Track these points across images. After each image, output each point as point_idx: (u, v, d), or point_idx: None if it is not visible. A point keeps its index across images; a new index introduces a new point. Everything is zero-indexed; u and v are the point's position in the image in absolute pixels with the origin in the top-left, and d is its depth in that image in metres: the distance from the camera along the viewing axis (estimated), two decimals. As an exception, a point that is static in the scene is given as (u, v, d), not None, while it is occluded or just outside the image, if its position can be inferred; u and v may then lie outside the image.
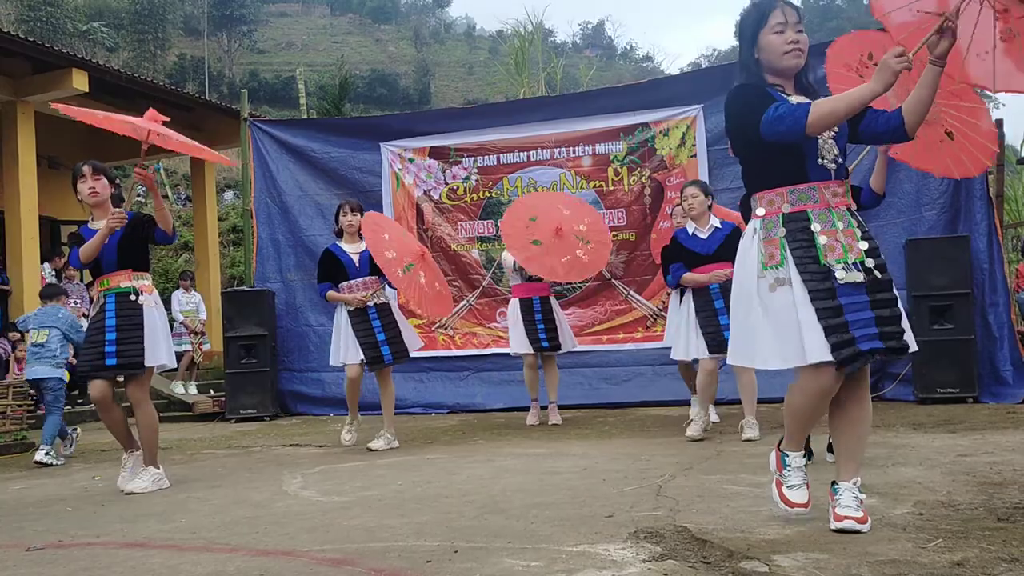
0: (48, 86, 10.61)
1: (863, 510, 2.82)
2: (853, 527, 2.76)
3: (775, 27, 2.98)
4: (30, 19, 33.94)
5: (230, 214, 17.94)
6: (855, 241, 2.84)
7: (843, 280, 2.79)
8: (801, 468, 3.00)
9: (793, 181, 2.89)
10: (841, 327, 2.76)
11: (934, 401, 6.79)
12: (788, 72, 3.02)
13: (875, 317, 2.79)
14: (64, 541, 3.34)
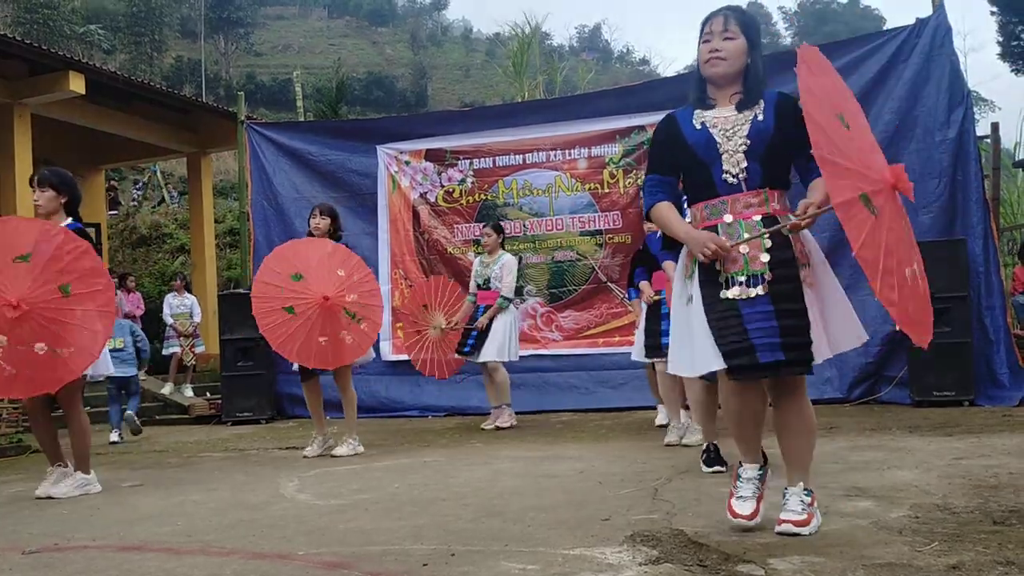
0: (45, 88, 10.60)
1: (808, 512, 2.84)
2: (791, 530, 2.80)
3: (704, 36, 3.04)
4: (27, 21, 33.90)
5: (227, 216, 17.91)
6: (759, 252, 2.86)
7: (737, 296, 2.85)
8: (753, 480, 2.98)
9: (706, 196, 2.98)
10: (737, 340, 2.82)
11: (930, 404, 6.80)
12: (713, 81, 3.03)
13: (779, 328, 2.81)
14: (60, 544, 3.34)
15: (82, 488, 4.64)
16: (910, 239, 2.84)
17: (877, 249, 2.56)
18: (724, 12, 3.01)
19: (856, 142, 2.71)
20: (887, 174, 2.69)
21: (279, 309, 5.52)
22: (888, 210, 2.66)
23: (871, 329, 7.46)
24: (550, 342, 8.66)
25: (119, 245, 17.27)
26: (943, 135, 7.34)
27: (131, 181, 21.54)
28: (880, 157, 2.79)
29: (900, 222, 2.75)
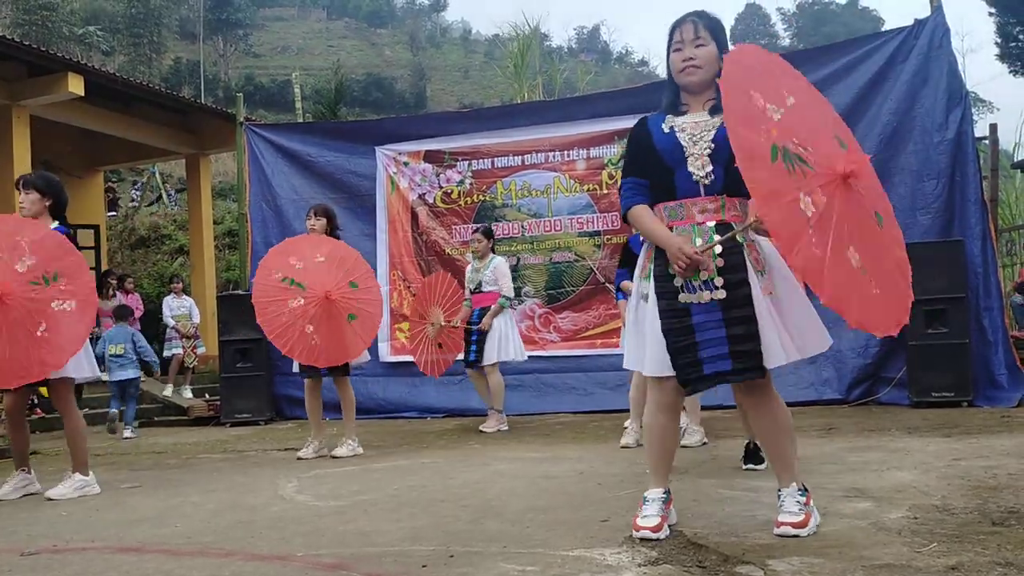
0: (44, 90, 10.60)
1: (805, 512, 2.86)
2: (789, 532, 2.81)
3: (674, 46, 3.05)
4: (25, 23, 33.90)
5: (226, 218, 17.91)
6: (711, 259, 2.88)
7: (687, 301, 2.89)
8: (656, 501, 2.98)
9: (667, 199, 3.00)
10: (687, 349, 2.87)
11: (929, 405, 6.80)
12: (689, 89, 3.04)
13: (727, 336, 2.84)
14: (59, 545, 3.33)
15: (81, 490, 4.65)
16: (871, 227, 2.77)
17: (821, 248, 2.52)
18: (692, 19, 3.02)
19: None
20: (838, 165, 2.64)
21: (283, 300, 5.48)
22: (839, 201, 2.61)
23: (870, 330, 7.54)
24: (548, 343, 8.67)
25: (118, 246, 17.26)
26: (941, 136, 7.35)
27: (130, 182, 21.53)
28: (831, 146, 2.72)
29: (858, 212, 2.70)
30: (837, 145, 2.75)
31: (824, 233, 2.54)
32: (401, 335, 8.98)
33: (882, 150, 7.57)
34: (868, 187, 2.80)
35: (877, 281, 2.68)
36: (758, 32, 71.71)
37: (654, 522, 2.91)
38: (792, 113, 2.69)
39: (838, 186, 2.63)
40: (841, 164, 2.64)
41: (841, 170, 2.63)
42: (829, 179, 2.62)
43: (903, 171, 7.53)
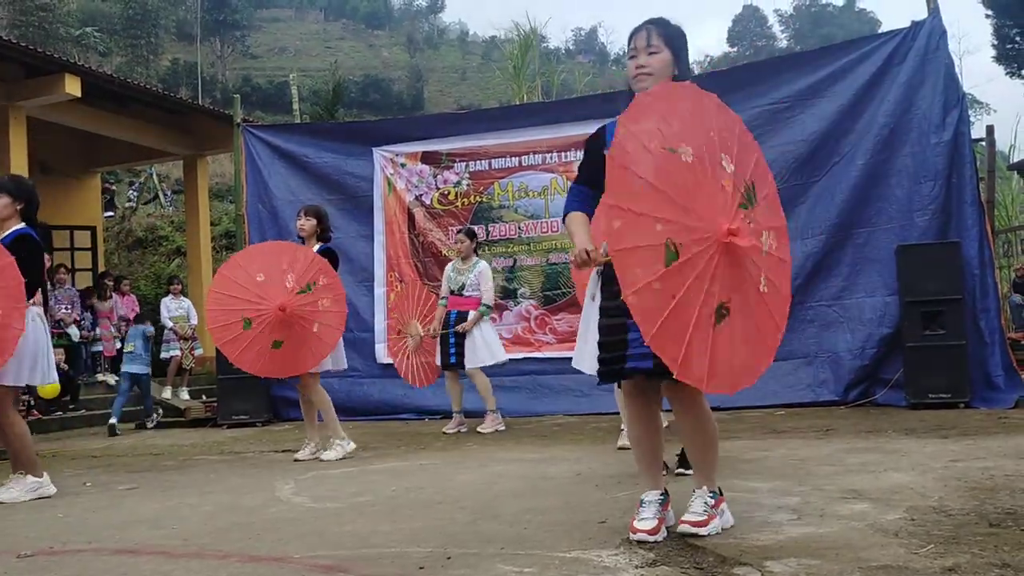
0: (41, 91, 10.58)
1: (708, 514, 2.92)
2: (688, 530, 2.88)
3: (630, 52, 3.09)
4: (22, 24, 33.85)
5: (223, 219, 17.91)
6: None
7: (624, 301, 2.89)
8: (653, 503, 2.98)
9: None
10: (615, 346, 2.93)
11: (926, 406, 6.80)
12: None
13: None
14: (55, 548, 3.33)
15: (32, 492, 4.62)
16: (754, 294, 2.76)
17: (663, 297, 2.53)
18: (647, 27, 3.05)
19: (690, 188, 2.65)
20: (723, 226, 2.62)
21: (236, 322, 5.50)
22: (709, 261, 2.61)
23: (866, 331, 7.58)
24: (544, 345, 8.66)
25: (115, 247, 17.26)
26: (938, 138, 7.36)
27: (127, 183, 21.52)
28: (718, 208, 2.67)
29: (735, 272, 2.70)
30: (728, 207, 2.71)
31: (676, 281, 2.55)
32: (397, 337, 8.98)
33: (879, 152, 7.59)
34: (755, 253, 2.79)
35: (733, 341, 2.69)
36: (755, 33, 71.81)
37: (651, 525, 2.91)
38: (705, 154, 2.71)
39: (718, 247, 2.63)
40: (725, 226, 2.63)
41: (722, 234, 2.62)
42: (706, 236, 2.62)
43: (900, 173, 7.54)
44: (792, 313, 7.97)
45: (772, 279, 2.84)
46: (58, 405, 9.83)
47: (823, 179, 7.79)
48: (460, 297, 7.22)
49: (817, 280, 7.74)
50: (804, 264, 7.72)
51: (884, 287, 7.49)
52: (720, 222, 2.63)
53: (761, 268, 2.79)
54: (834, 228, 7.70)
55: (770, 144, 7.91)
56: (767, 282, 2.81)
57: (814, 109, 7.85)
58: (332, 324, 5.68)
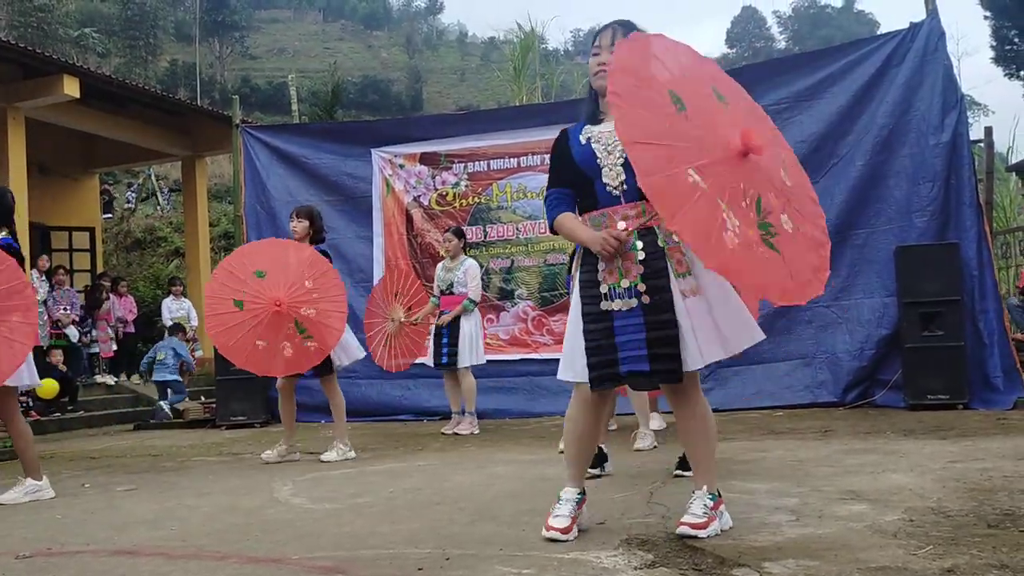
0: (39, 92, 10.59)
1: (708, 516, 2.91)
2: (688, 532, 2.87)
3: (594, 50, 3.13)
4: (21, 24, 33.82)
5: (221, 220, 17.90)
6: (633, 265, 2.93)
7: (608, 308, 2.95)
8: (570, 502, 3.02)
9: (591, 208, 3.06)
10: (604, 350, 2.94)
11: (924, 408, 6.81)
12: (603, 93, 3.04)
13: (647, 339, 2.89)
14: (54, 549, 3.32)
15: (32, 494, 4.62)
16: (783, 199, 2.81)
17: (710, 213, 2.57)
18: (612, 26, 3.10)
19: (696, 119, 2.71)
20: (735, 140, 2.67)
21: (229, 300, 5.38)
22: (727, 176, 2.66)
23: (865, 333, 7.58)
24: (541, 346, 8.65)
25: (113, 248, 17.25)
26: (937, 139, 7.37)
27: (125, 184, 21.52)
28: (724, 127, 2.74)
29: (760, 180, 2.75)
30: (727, 125, 2.76)
31: (712, 203, 2.58)
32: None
33: (878, 153, 7.60)
34: (775, 159, 2.88)
35: (787, 248, 2.71)
36: (753, 35, 71.85)
37: (564, 523, 2.95)
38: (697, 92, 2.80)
39: (735, 162, 2.68)
40: (738, 139, 2.67)
41: (739, 146, 2.67)
42: (724, 154, 2.67)
43: (899, 174, 7.55)
44: (790, 314, 8.03)
45: (800, 210, 2.86)
46: (56, 406, 9.82)
47: (822, 180, 7.77)
48: (450, 296, 7.22)
49: (816, 281, 7.73)
50: (803, 265, 7.72)
51: (883, 288, 7.50)
52: (730, 140, 2.69)
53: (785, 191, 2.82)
54: (833, 229, 7.60)
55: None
56: (794, 212, 2.81)
57: (813, 110, 7.85)
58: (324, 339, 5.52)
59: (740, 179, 2.68)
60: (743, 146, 2.67)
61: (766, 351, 7.75)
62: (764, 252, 2.64)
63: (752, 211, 2.67)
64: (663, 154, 2.58)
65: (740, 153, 2.68)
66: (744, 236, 2.59)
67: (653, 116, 2.64)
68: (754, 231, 2.64)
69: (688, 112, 2.69)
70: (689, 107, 2.70)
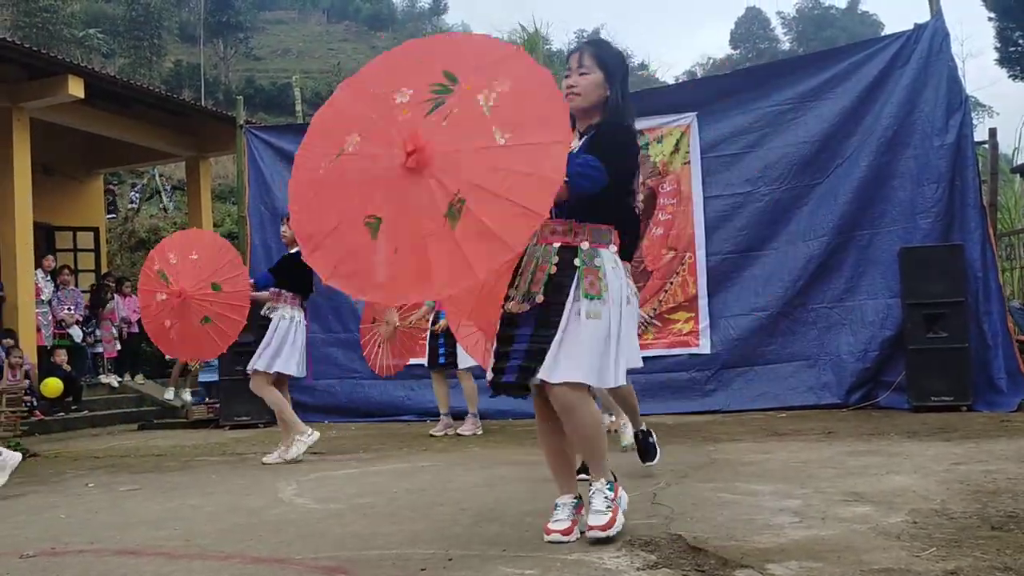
0: (44, 92, 10.59)
1: (611, 509, 2.94)
2: (598, 536, 2.88)
3: (565, 73, 3.19)
4: (26, 25, 33.88)
5: (225, 220, 17.93)
6: (543, 274, 2.97)
7: (508, 309, 3.00)
8: (567, 506, 3.04)
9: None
10: (502, 356, 2.97)
11: (928, 409, 6.80)
12: (573, 114, 3.09)
13: (527, 351, 2.91)
14: (57, 548, 3.33)
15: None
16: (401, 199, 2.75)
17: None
18: (581, 47, 3.18)
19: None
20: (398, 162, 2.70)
21: (153, 292, 5.62)
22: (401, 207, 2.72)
23: (868, 334, 7.58)
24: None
25: (118, 249, 17.28)
26: (941, 140, 7.35)
27: (129, 185, 21.55)
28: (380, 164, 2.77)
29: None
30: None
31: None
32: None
33: (882, 154, 7.59)
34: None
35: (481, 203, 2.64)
36: (758, 36, 71.74)
37: (564, 525, 2.97)
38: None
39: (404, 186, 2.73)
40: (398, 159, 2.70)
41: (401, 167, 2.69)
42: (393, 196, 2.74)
43: (903, 175, 7.54)
44: (794, 315, 8.03)
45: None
46: (60, 406, 9.85)
47: (826, 181, 7.78)
48: None
49: (819, 282, 7.73)
50: (806, 266, 7.72)
51: (887, 289, 7.49)
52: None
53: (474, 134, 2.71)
54: (837, 230, 7.69)
55: (773, 146, 7.92)
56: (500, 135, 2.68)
57: (817, 111, 7.84)
58: (224, 326, 5.66)
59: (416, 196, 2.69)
60: (407, 164, 2.67)
61: (769, 352, 7.76)
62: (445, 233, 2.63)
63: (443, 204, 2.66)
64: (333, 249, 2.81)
65: (408, 170, 2.67)
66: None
67: (313, 215, 2.87)
68: (435, 222, 2.63)
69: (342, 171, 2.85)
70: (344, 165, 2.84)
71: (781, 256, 7.78)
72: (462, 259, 2.58)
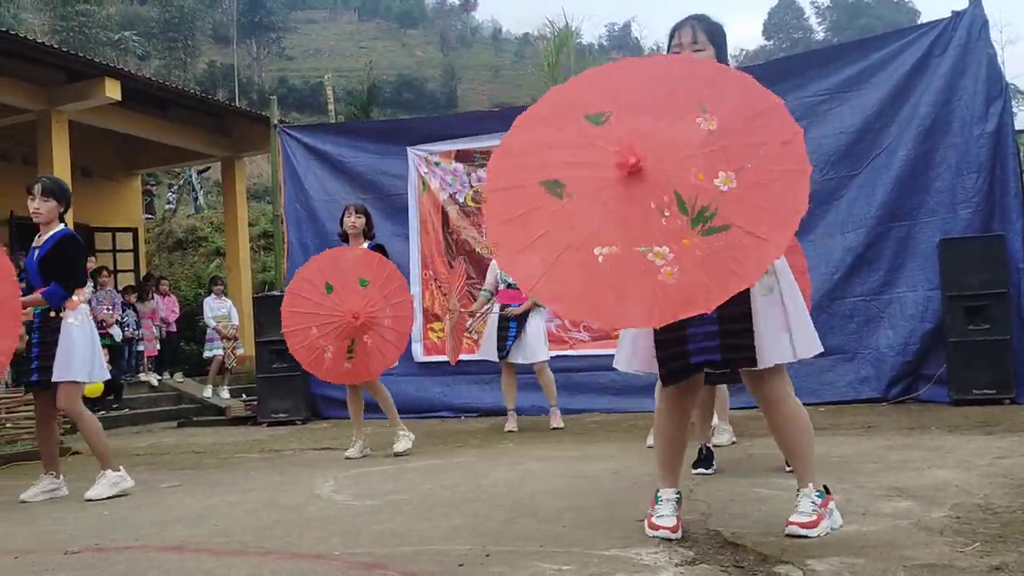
0: (81, 95, 10.76)
1: (817, 514, 2.82)
2: (797, 532, 2.78)
3: (673, 49, 3.07)
4: (63, 29, 34.43)
5: (260, 219, 18.10)
6: None
7: None
8: (670, 501, 2.99)
9: None
10: (674, 341, 2.87)
11: (969, 403, 6.69)
12: None
13: (719, 331, 2.83)
14: (101, 545, 3.38)
15: (116, 487, 4.69)
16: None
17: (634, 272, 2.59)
18: (691, 23, 3.04)
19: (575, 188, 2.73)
20: (614, 164, 2.64)
21: (305, 319, 5.60)
22: (627, 212, 2.63)
23: (908, 327, 7.47)
24: (577, 343, 8.63)
25: (156, 249, 17.51)
26: (981, 129, 7.23)
27: (166, 186, 21.85)
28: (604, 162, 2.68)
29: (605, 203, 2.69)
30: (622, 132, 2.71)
31: (630, 260, 2.60)
32: (433, 335, 9.00)
33: (920, 144, 7.48)
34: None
35: (737, 213, 2.59)
36: (791, 26, 71.01)
37: (671, 522, 2.91)
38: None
39: (625, 190, 2.65)
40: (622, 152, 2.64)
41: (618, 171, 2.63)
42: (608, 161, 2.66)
43: (942, 165, 7.42)
44: (832, 308, 7.93)
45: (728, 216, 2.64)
46: (101, 404, 10.00)
47: (863, 172, 7.68)
48: (516, 291, 7.12)
49: (857, 275, 7.64)
50: (844, 258, 7.63)
51: (926, 281, 7.38)
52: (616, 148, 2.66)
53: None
54: (875, 222, 7.59)
55: (809, 137, 7.73)
56: (729, 176, 2.64)
57: (853, 101, 7.74)
58: (392, 340, 5.75)
59: (644, 199, 2.62)
60: (625, 168, 2.62)
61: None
62: (714, 245, 2.56)
63: (678, 217, 2.59)
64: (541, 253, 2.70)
65: (628, 174, 2.62)
66: (684, 254, 2.55)
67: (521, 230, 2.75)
68: (692, 236, 2.56)
69: (568, 188, 2.73)
70: (569, 184, 2.74)
71: (818, 248, 7.68)
72: (702, 285, 2.55)
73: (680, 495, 3.04)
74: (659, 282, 2.55)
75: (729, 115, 2.68)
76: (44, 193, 4.80)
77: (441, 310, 7.58)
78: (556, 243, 2.67)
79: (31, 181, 4.91)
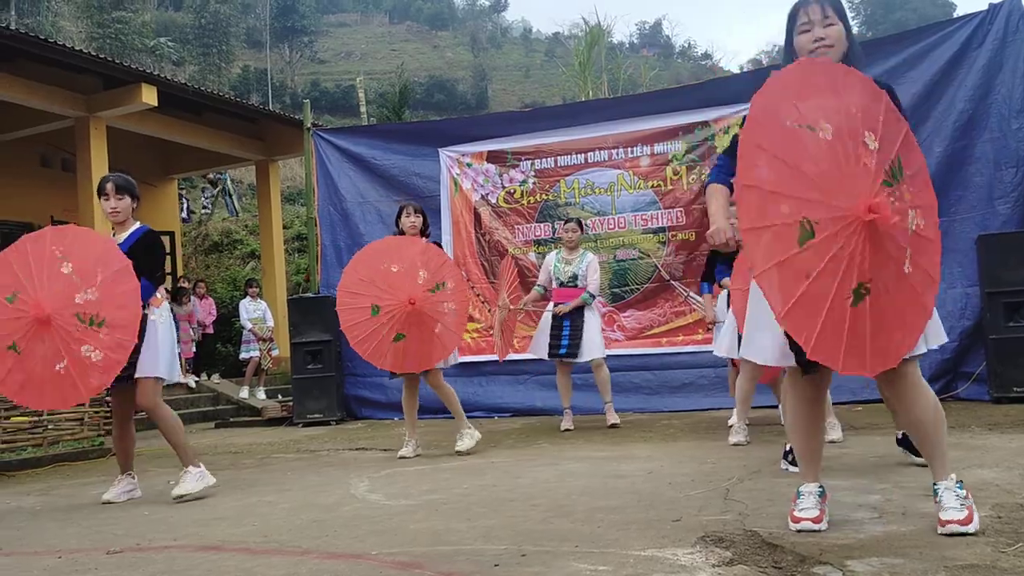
0: (118, 101, 10.94)
1: (967, 507, 2.74)
2: (956, 530, 2.69)
3: (802, 27, 3.00)
4: (99, 36, 34.93)
5: (294, 222, 18.26)
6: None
7: None
8: (813, 495, 2.96)
9: None
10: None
11: (1010, 400, 6.59)
12: None
13: None
14: (142, 544, 3.44)
15: (201, 481, 4.71)
16: (891, 276, 2.63)
17: (797, 276, 2.49)
18: (818, 1, 2.97)
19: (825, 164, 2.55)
20: (862, 204, 2.50)
21: (364, 307, 5.55)
22: (848, 240, 2.52)
23: (948, 324, 7.29)
24: (612, 342, 8.59)
25: (192, 252, 17.72)
26: (1019, 123, 7.12)
27: (200, 190, 22.15)
28: (858, 186, 2.55)
29: (876, 251, 2.57)
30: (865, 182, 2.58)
31: (810, 259, 2.51)
32: (467, 336, 9.02)
33: (958, 139, 7.37)
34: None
35: (872, 323, 2.58)
36: (824, 21, 70.20)
37: (814, 513, 2.89)
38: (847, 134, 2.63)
39: (855, 226, 2.52)
40: (862, 204, 2.51)
41: (861, 212, 2.51)
42: (843, 215, 2.51)
43: (980, 159, 7.31)
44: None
45: (918, 260, 2.71)
46: (141, 406, 10.13)
47: (899, 168, 7.58)
48: (572, 289, 7.08)
49: (895, 272, 7.53)
50: (881, 255, 7.53)
51: (965, 278, 7.27)
52: (860, 200, 2.50)
53: (906, 248, 2.66)
54: (945, 211, 7.47)
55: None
56: (912, 263, 2.68)
57: (889, 96, 7.64)
58: (453, 329, 5.74)
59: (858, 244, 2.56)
60: (867, 212, 2.51)
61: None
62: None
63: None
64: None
65: (858, 218, 2.52)
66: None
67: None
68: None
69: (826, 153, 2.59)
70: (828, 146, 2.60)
71: (855, 246, 7.60)
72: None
73: (823, 489, 3.01)
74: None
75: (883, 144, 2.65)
76: (118, 191, 4.80)
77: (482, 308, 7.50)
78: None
79: (101, 181, 4.88)
